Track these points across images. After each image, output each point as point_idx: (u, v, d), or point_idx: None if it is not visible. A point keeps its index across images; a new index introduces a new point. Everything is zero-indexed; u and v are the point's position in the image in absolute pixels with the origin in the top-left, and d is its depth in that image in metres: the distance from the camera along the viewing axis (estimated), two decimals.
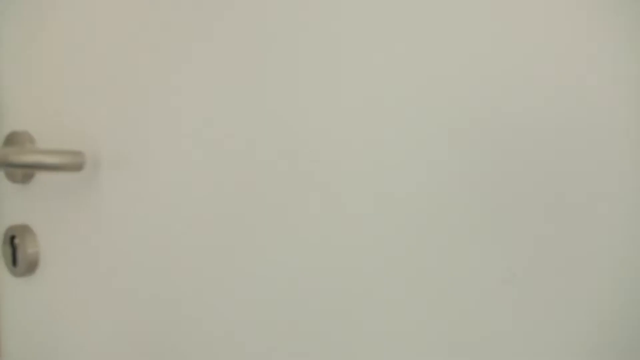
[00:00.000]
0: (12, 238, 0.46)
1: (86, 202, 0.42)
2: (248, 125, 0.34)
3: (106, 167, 0.41)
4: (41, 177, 0.45)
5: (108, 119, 0.40)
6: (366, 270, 0.31)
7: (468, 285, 0.29)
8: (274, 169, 0.33)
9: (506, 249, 0.28)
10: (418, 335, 0.30)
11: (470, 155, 0.28)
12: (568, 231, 0.26)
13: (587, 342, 0.27)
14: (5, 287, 0.49)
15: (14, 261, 0.47)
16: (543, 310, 0.27)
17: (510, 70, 0.27)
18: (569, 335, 0.27)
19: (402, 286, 0.30)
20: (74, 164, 0.41)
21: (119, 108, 0.40)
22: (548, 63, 0.26)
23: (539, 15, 0.26)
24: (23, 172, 0.45)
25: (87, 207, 0.42)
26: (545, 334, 0.27)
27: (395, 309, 0.30)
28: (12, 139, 0.46)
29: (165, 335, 0.37)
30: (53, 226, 0.45)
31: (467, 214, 0.28)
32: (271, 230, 0.33)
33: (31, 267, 0.46)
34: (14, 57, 0.47)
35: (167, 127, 0.37)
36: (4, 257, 0.48)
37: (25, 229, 0.46)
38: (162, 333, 0.38)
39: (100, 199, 0.41)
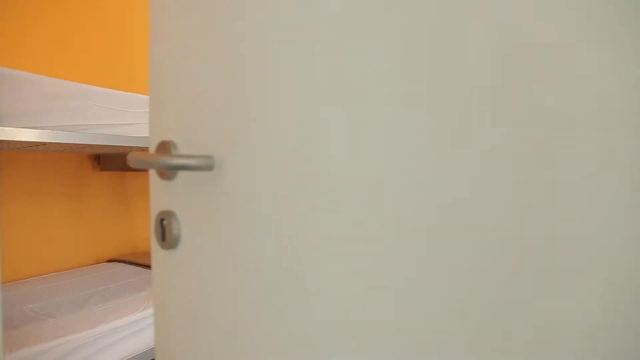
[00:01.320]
0: (162, 220, 0.62)
1: (215, 195, 0.55)
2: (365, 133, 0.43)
3: (229, 169, 0.54)
4: (182, 175, 0.59)
5: (232, 130, 0.53)
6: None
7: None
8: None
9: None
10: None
11: None
12: None
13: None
14: (157, 257, 0.65)
15: (163, 238, 0.62)
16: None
17: None
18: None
19: None
20: (206, 165, 0.55)
21: (241, 121, 0.52)
22: None
23: None
24: (170, 171, 0.60)
25: (216, 199, 0.55)
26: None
27: None
28: (161, 146, 0.61)
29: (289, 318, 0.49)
30: (191, 212, 0.59)
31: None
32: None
33: (175, 242, 0.61)
34: (159, 82, 0.62)
35: (281, 136, 0.48)
36: (155, 234, 0.64)
37: (170, 214, 0.61)
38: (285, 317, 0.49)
39: (225, 193, 0.54)
